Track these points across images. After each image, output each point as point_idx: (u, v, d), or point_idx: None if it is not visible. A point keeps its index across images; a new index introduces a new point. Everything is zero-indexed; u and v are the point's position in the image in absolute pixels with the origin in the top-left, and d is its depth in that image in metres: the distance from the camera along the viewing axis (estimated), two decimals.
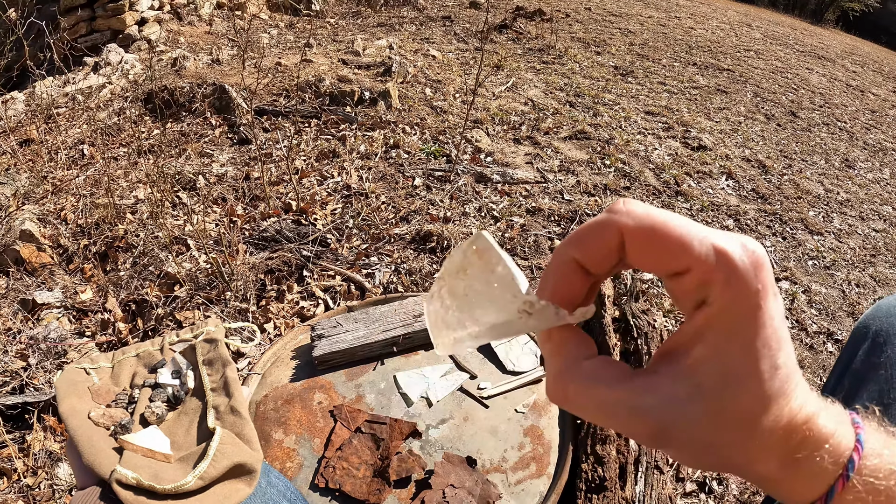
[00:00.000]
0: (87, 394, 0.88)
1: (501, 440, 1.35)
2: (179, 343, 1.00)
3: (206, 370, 0.94)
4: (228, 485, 0.77)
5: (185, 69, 4.04)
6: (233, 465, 0.77)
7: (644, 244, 0.33)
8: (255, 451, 0.81)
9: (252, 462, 0.79)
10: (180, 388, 0.92)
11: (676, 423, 0.32)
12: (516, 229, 2.67)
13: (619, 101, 4.54)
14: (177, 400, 0.91)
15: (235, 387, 0.89)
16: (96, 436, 0.79)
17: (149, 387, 0.91)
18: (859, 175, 4.13)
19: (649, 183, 3.35)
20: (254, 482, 0.79)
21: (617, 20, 7.28)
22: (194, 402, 0.90)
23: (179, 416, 0.88)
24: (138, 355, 0.98)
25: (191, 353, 0.97)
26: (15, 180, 2.79)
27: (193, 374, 0.94)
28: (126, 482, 0.71)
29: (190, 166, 2.95)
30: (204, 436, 0.83)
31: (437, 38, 5.53)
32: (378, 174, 2.99)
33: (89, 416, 0.83)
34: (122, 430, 0.82)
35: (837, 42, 9.33)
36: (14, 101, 3.70)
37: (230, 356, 0.95)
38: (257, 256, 2.29)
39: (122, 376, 0.94)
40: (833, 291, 2.77)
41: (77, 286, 2.27)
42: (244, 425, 0.84)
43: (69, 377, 0.89)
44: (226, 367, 0.93)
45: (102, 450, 0.76)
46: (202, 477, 0.74)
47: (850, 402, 0.87)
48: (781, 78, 6.07)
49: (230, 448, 0.78)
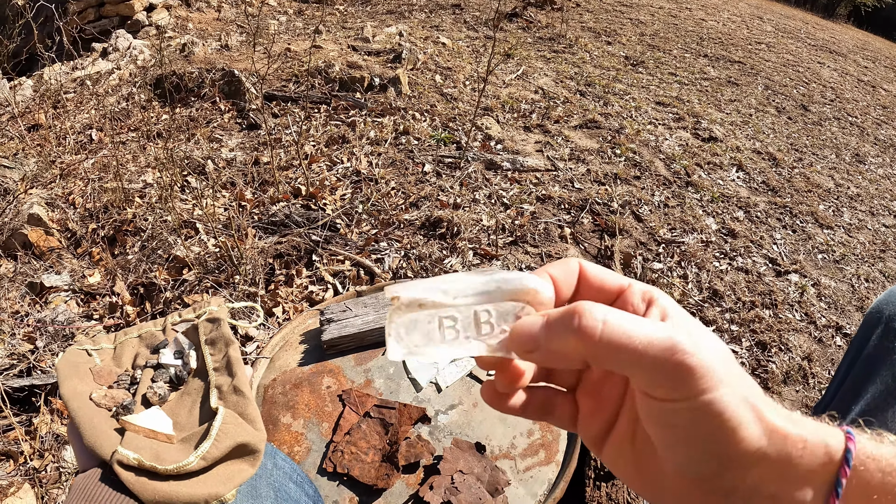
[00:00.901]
0: (88, 375, 0.87)
1: (510, 427, 1.34)
2: (182, 323, 0.98)
3: (208, 350, 0.92)
4: (231, 465, 0.76)
5: (194, 55, 4.03)
6: (235, 444, 0.76)
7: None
8: (258, 430, 0.80)
9: (255, 442, 0.78)
10: (182, 368, 0.90)
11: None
12: (526, 216, 2.66)
13: (630, 91, 4.51)
14: (179, 380, 0.89)
15: (238, 366, 0.87)
16: (98, 417, 0.78)
17: (151, 367, 0.90)
18: (870, 170, 4.10)
19: (660, 173, 3.33)
20: (257, 462, 0.78)
21: (628, 10, 7.23)
22: (197, 382, 0.89)
23: (182, 396, 0.87)
24: (140, 336, 0.96)
25: (193, 333, 0.95)
26: (23, 165, 2.79)
27: (196, 355, 0.92)
28: (127, 463, 0.70)
29: (199, 151, 2.95)
30: (206, 416, 0.82)
31: (446, 26, 5.50)
32: (388, 160, 2.97)
33: (91, 397, 0.82)
34: (123, 410, 0.81)
35: (849, 37, 9.25)
36: (22, 86, 3.70)
37: (233, 335, 0.93)
38: (266, 241, 2.28)
39: (123, 357, 0.93)
40: (842, 286, 2.75)
41: (85, 269, 2.27)
42: (247, 405, 0.83)
43: (70, 359, 0.87)
44: (228, 347, 0.91)
45: (104, 431, 0.75)
46: (204, 457, 0.73)
47: (863, 387, 0.86)
48: (793, 71, 6.02)
49: (233, 428, 0.77)
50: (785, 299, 2.54)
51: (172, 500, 0.69)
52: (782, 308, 2.49)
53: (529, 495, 1.21)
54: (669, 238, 2.75)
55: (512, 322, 0.39)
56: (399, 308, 0.40)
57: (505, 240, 2.50)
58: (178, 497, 0.70)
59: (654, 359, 0.32)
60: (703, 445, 0.34)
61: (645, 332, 0.33)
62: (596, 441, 0.44)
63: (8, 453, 1.63)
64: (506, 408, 0.43)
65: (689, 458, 0.35)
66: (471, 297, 0.40)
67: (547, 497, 1.20)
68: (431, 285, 0.40)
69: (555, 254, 2.47)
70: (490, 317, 0.40)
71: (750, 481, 0.34)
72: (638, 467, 0.41)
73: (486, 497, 1.17)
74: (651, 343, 0.32)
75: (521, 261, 2.40)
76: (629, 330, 0.33)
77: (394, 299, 0.40)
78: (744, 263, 2.71)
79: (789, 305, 2.52)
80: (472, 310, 0.40)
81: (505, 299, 0.40)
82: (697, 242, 2.77)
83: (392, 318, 0.40)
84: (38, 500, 1.53)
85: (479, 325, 0.40)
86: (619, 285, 0.41)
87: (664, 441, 0.36)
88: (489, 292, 0.40)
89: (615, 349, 0.33)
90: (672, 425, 0.34)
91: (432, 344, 0.41)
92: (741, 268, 2.68)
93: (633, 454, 0.41)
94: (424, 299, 0.40)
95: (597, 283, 0.42)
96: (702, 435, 0.33)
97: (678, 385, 0.32)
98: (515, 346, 0.38)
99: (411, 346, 0.41)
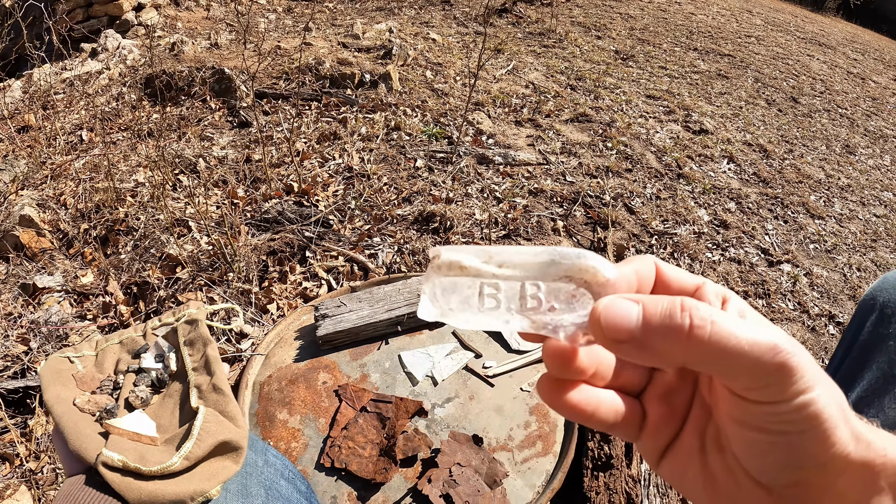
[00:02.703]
0: (71, 381, 0.88)
1: (507, 418, 1.34)
2: (162, 327, 1.00)
3: (187, 351, 0.93)
4: (215, 462, 0.77)
5: (184, 54, 4.01)
6: (218, 443, 0.77)
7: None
8: (239, 427, 0.81)
9: (237, 439, 0.79)
10: (164, 371, 0.92)
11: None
12: (519, 210, 2.66)
13: (620, 85, 4.52)
14: (161, 383, 0.91)
15: (217, 365, 0.89)
16: (82, 422, 0.79)
17: (133, 372, 0.91)
18: (860, 161, 4.12)
19: (651, 165, 3.34)
20: (240, 459, 0.79)
21: (617, 5, 7.24)
22: (177, 384, 0.90)
23: (164, 399, 0.88)
24: (122, 342, 0.98)
25: (172, 336, 0.96)
26: (13, 166, 2.77)
27: (175, 356, 0.93)
28: (112, 464, 0.70)
29: (190, 149, 2.93)
30: (188, 416, 0.83)
31: (436, 22, 5.49)
32: (379, 156, 2.97)
33: (74, 403, 0.83)
34: (107, 415, 0.82)
35: (838, 30, 9.28)
36: (11, 87, 3.67)
37: (210, 335, 0.94)
38: (259, 238, 2.28)
39: (105, 363, 0.94)
40: (834, 275, 2.76)
41: (77, 270, 2.26)
42: (227, 402, 0.83)
43: (53, 366, 0.89)
44: (206, 346, 0.92)
45: (88, 436, 0.76)
46: (187, 457, 0.74)
47: (859, 374, 0.87)
48: (782, 64, 6.04)
49: (214, 426, 0.78)
50: (778, 289, 2.55)
51: (157, 498, 0.70)
52: (775, 297, 2.50)
53: (528, 486, 1.21)
54: (662, 230, 2.76)
55: (565, 301, 0.37)
56: (439, 267, 0.38)
57: (498, 233, 2.51)
58: (164, 495, 0.71)
59: (758, 360, 0.31)
60: (793, 448, 0.32)
61: (749, 332, 0.31)
62: (658, 452, 0.41)
63: (3, 455, 1.62)
64: (567, 405, 0.38)
65: (776, 463, 0.33)
66: (520, 266, 0.37)
67: (545, 488, 1.21)
68: (476, 249, 0.38)
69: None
70: (539, 290, 0.37)
71: (837, 489, 0.33)
72: (708, 481, 0.38)
73: (485, 489, 1.17)
74: (756, 343, 0.31)
75: None
76: (735, 330, 0.31)
77: (434, 258, 0.38)
78: (736, 254, 2.73)
79: (782, 295, 2.54)
80: (518, 281, 0.37)
81: (559, 275, 0.36)
82: (690, 234, 2.78)
83: (430, 277, 0.38)
84: (35, 501, 1.53)
85: (525, 299, 0.37)
86: (695, 284, 0.38)
87: (753, 447, 0.34)
88: (541, 264, 0.37)
89: (721, 351, 0.31)
90: (765, 430, 0.33)
91: (469, 310, 0.38)
92: (734, 258, 2.70)
93: (703, 467, 0.38)
94: (466, 262, 0.37)
95: (675, 283, 0.39)
96: (796, 438, 0.32)
97: (780, 385, 0.31)
98: (601, 331, 0.34)
99: (445, 309, 0.38)
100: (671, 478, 0.40)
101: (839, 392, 0.33)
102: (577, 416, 0.38)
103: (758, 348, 0.30)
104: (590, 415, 0.38)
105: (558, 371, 0.38)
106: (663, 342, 0.32)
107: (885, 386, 0.82)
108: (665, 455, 0.40)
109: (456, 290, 0.38)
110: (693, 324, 0.31)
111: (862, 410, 0.82)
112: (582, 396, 0.38)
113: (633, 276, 0.38)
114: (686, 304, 0.32)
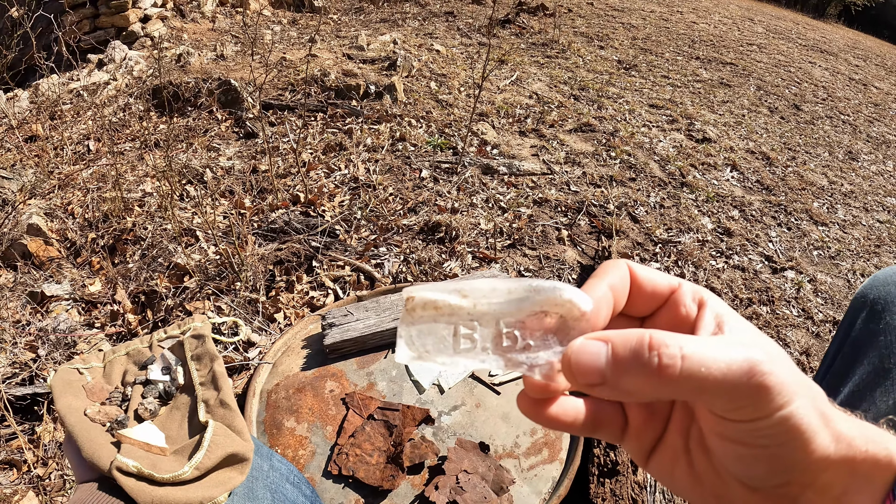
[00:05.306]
0: (81, 392, 0.91)
1: (513, 426, 1.35)
2: (167, 340, 1.02)
3: (194, 365, 0.97)
4: (222, 473, 0.80)
5: (190, 65, 4.04)
6: (226, 455, 0.80)
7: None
8: (245, 440, 0.84)
9: (244, 451, 0.83)
10: (171, 383, 0.94)
11: None
12: (524, 220, 2.68)
13: (623, 95, 4.54)
14: (168, 395, 0.93)
15: (223, 381, 0.92)
16: (94, 431, 0.82)
17: (140, 384, 0.94)
18: (863, 167, 4.13)
19: (655, 174, 3.35)
20: (246, 469, 0.82)
21: (619, 15, 7.27)
22: (184, 397, 0.93)
23: (171, 410, 0.92)
24: (128, 353, 1.00)
25: (179, 350, 0.99)
26: (21, 176, 2.80)
27: (182, 370, 0.96)
28: (127, 470, 0.73)
29: (197, 160, 2.96)
30: (196, 429, 0.86)
31: (440, 34, 5.52)
32: (385, 166, 2.99)
33: (85, 413, 0.85)
34: (118, 426, 0.85)
35: (840, 36, 9.31)
36: (18, 98, 3.71)
37: (216, 351, 0.97)
38: (266, 247, 2.30)
39: (113, 375, 0.97)
40: (838, 281, 2.77)
41: (85, 279, 2.28)
42: (234, 417, 0.87)
43: (63, 377, 0.91)
44: (213, 362, 0.95)
45: (102, 444, 0.78)
46: (198, 467, 0.77)
47: (851, 370, 0.88)
48: (784, 72, 6.06)
49: (223, 439, 0.82)
50: (782, 296, 2.56)
51: (169, 502, 0.73)
52: (779, 304, 2.50)
53: (534, 493, 1.22)
54: (666, 238, 2.77)
55: (540, 338, 0.37)
56: (413, 309, 0.37)
57: (503, 243, 2.52)
58: (175, 500, 0.73)
59: (734, 385, 0.31)
60: (776, 459, 0.33)
61: (722, 357, 0.31)
62: (644, 453, 0.41)
63: (12, 462, 1.63)
64: (547, 418, 0.38)
65: (761, 472, 0.34)
66: (494, 303, 0.37)
67: (552, 495, 1.22)
68: (450, 287, 0.37)
69: (553, 256, 2.49)
70: (514, 329, 0.37)
71: (821, 484, 0.34)
72: (696, 479, 0.39)
73: (492, 496, 1.18)
74: (730, 368, 0.31)
75: (520, 263, 2.42)
76: (707, 359, 0.31)
77: (408, 300, 0.38)
78: (740, 261, 2.73)
79: (786, 301, 2.54)
80: (493, 319, 0.37)
81: (535, 311, 0.36)
82: (694, 242, 2.79)
83: (405, 320, 0.38)
84: None
85: (501, 337, 0.37)
86: (669, 286, 0.39)
87: (737, 459, 0.35)
88: (516, 300, 0.37)
89: (695, 383, 0.31)
90: (747, 444, 0.33)
91: (445, 352, 0.38)
92: (738, 266, 2.70)
93: (689, 466, 0.39)
94: (440, 301, 0.37)
95: (649, 286, 0.39)
96: (776, 449, 0.33)
97: (758, 405, 0.31)
98: (574, 376, 0.34)
99: (421, 351, 0.38)
100: (660, 477, 0.41)
101: (821, 394, 0.34)
102: (558, 427, 0.38)
103: (732, 374, 0.31)
104: (570, 424, 0.38)
105: (537, 395, 0.38)
106: (633, 382, 0.32)
107: (875, 380, 0.83)
108: (651, 455, 0.41)
109: (431, 332, 0.38)
110: (662, 363, 0.31)
111: (854, 404, 0.83)
112: (561, 409, 0.38)
113: (609, 295, 0.38)
114: (654, 342, 0.32)
